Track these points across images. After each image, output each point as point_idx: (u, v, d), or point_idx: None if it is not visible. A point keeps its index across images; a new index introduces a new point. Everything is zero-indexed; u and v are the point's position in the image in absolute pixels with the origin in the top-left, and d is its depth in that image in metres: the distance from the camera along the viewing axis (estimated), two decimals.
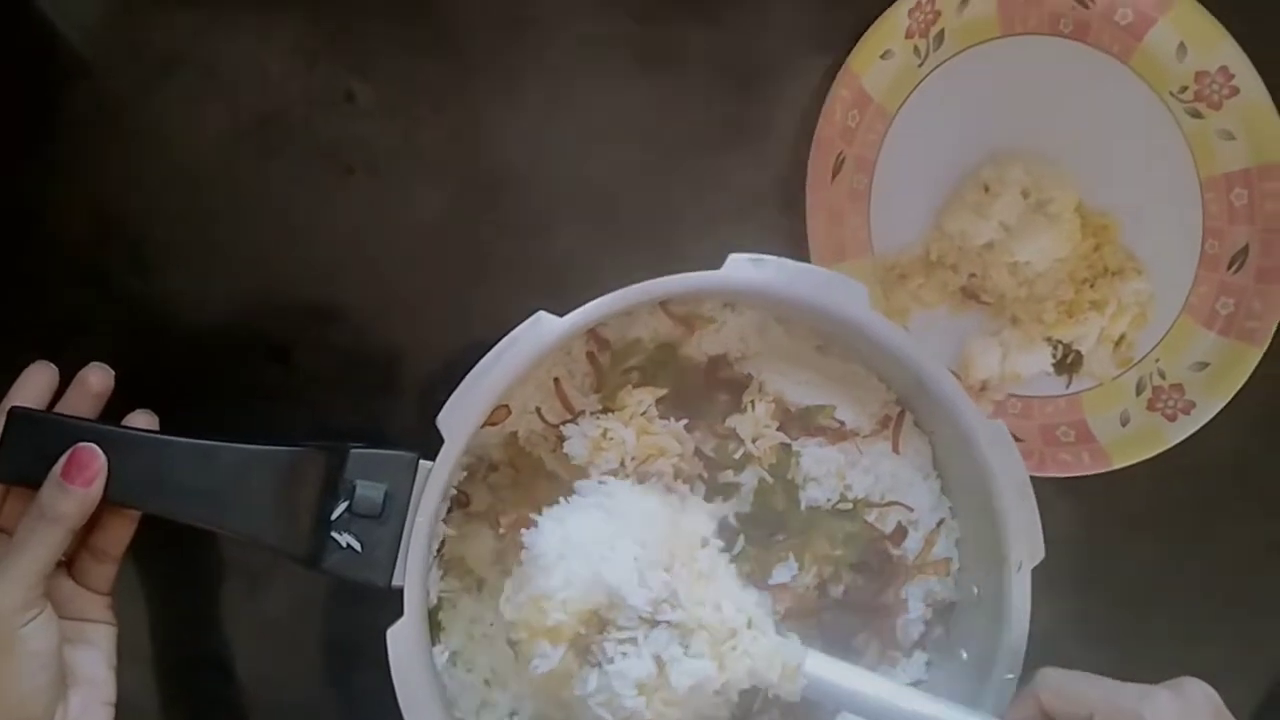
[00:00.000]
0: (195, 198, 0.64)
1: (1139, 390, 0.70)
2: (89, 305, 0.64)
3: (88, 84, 0.63)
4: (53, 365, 0.57)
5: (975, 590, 0.59)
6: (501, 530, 0.59)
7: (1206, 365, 0.69)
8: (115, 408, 0.57)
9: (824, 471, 0.59)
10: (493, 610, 0.60)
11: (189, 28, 0.63)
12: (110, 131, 0.64)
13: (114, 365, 0.57)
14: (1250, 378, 0.67)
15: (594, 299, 0.52)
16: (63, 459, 0.51)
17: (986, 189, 0.68)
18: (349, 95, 0.64)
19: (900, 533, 0.61)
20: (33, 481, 0.52)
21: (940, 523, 0.61)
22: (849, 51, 0.65)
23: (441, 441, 0.51)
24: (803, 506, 0.60)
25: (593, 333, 0.59)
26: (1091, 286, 0.68)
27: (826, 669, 0.53)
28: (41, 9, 0.63)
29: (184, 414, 0.57)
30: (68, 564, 0.55)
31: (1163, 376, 0.69)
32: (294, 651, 0.66)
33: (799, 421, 0.60)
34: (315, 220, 0.65)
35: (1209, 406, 0.68)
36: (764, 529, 0.59)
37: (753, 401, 0.59)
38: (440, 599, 0.59)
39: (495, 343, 0.52)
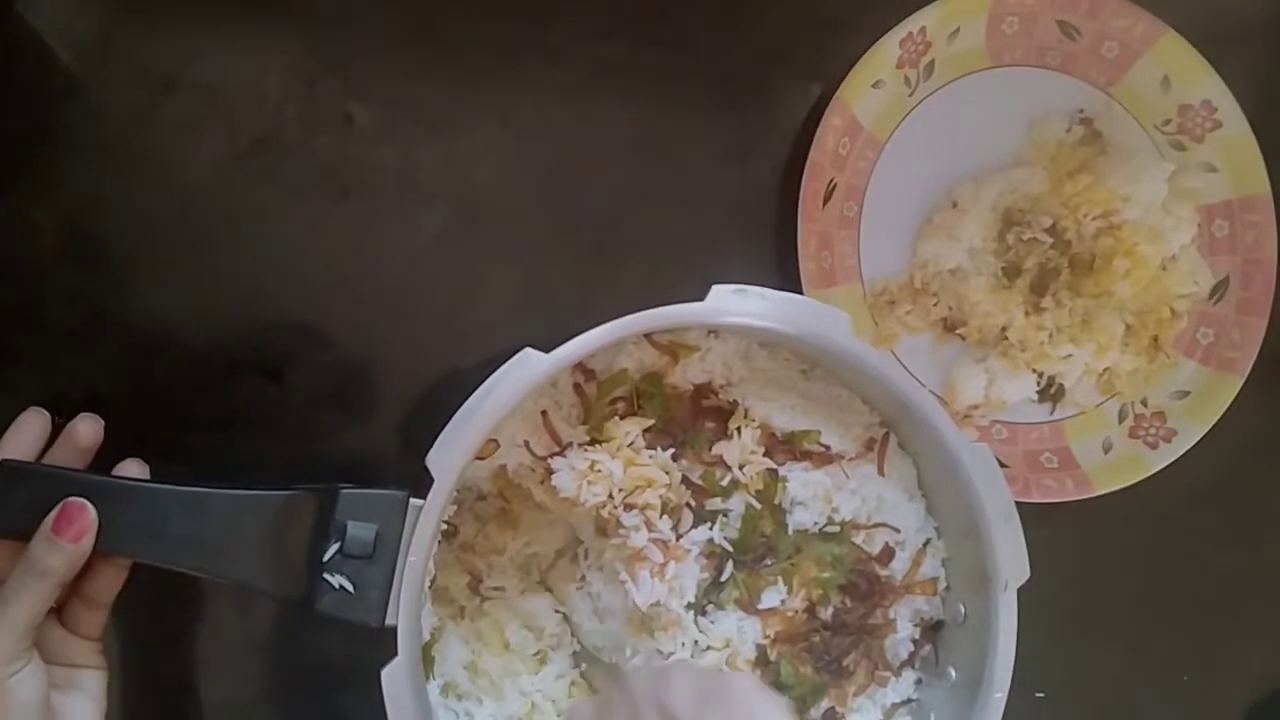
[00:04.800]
0: (191, 217, 0.64)
1: (1121, 418, 0.71)
2: (81, 324, 0.64)
3: (83, 104, 0.64)
4: (45, 413, 0.56)
5: (962, 609, 0.60)
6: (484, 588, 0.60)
7: (1187, 394, 0.70)
8: (109, 432, 0.57)
9: (811, 495, 0.60)
10: (475, 635, 0.61)
11: (187, 49, 0.64)
12: (106, 151, 0.64)
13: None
14: (1230, 407, 0.68)
15: (582, 327, 0.52)
16: (53, 513, 0.51)
17: (955, 205, 0.69)
18: (347, 118, 0.65)
19: (887, 554, 0.61)
20: (22, 534, 0.51)
21: (927, 543, 0.62)
22: (841, 80, 0.66)
23: (430, 475, 0.52)
24: (790, 530, 0.60)
25: (579, 364, 0.59)
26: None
27: None
28: (35, 29, 0.63)
29: (175, 433, 0.57)
30: (58, 611, 0.55)
31: (1144, 405, 0.70)
32: (281, 675, 0.66)
33: (785, 446, 0.60)
34: (310, 242, 0.65)
35: (1190, 434, 0.69)
36: (752, 554, 0.60)
37: (739, 428, 0.59)
38: (431, 632, 0.59)
39: (481, 370, 0.52)
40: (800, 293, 0.66)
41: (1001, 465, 0.58)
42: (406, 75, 0.66)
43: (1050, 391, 0.70)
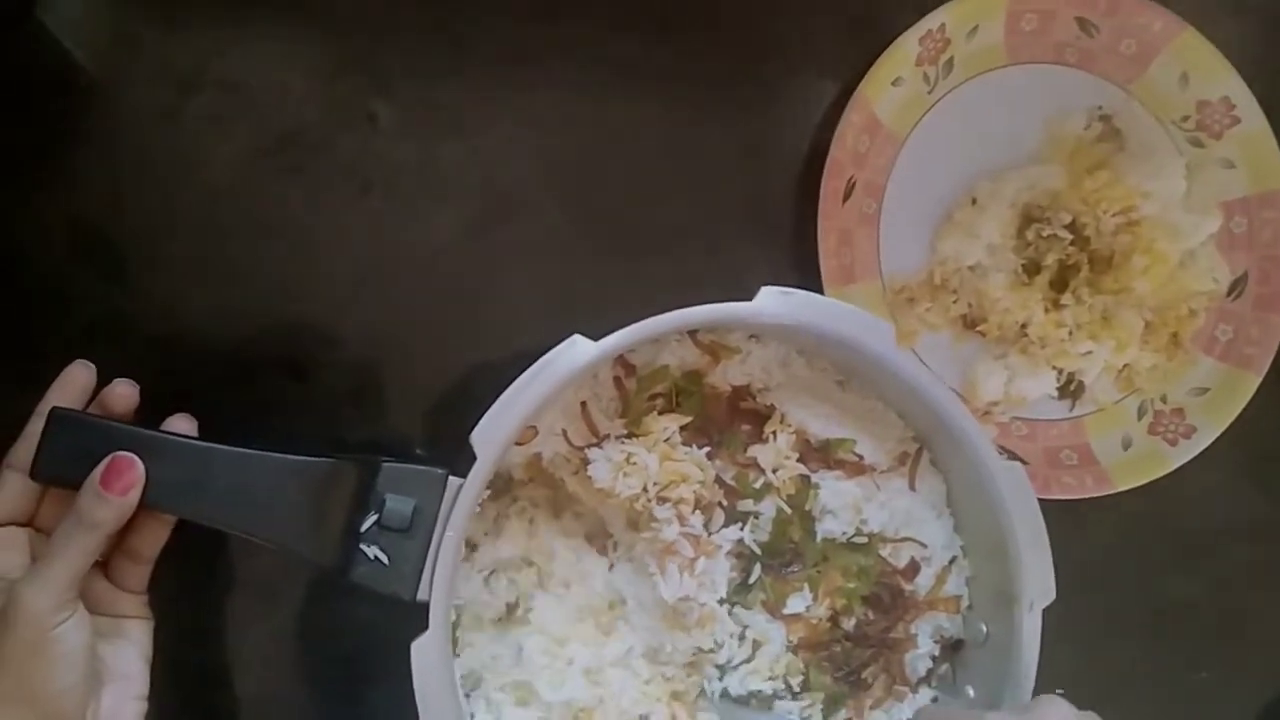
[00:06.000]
0: (215, 214, 0.64)
1: (1140, 414, 0.71)
2: (106, 320, 0.64)
3: (106, 102, 0.63)
4: (91, 365, 0.57)
5: (984, 629, 0.60)
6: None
7: (1206, 390, 0.70)
8: (142, 417, 0.57)
9: (841, 504, 0.60)
10: (493, 631, 0.60)
11: (211, 47, 0.64)
12: (129, 149, 0.64)
13: (131, 379, 0.58)
14: (1249, 403, 0.68)
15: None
16: (101, 466, 0.51)
17: (974, 201, 0.69)
18: (370, 116, 0.65)
19: (913, 568, 0.61)
20: (70, 483, 0.52)
21: (952, 560, 0.62)
22: (860, 77, 0.66)
23: (463, 457, 0.52)
24: (818, 538, 0.60)
25: (620, 358, 0.59)
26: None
27: None
28: (56, 29, 0.63)
29: (200, 428, 0.57)
30: (103, 564, 0.55)
31: (1164, 401, 0.70)
32: (305, 668, 0.66)
33: (819, 454, 0.61)
34: (333, 238, 0.65)
35: (1209, 431, 0.69)
36: (780, 559, 0.60)
37: (774, 432, 0.60)
38: (459, 615, 0.59)
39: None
40: (820, 290, 0.66)
41: (1021, 461, 0.58)
42: (428, 73, 0.65)
43: (1070, 388, 0.71)
